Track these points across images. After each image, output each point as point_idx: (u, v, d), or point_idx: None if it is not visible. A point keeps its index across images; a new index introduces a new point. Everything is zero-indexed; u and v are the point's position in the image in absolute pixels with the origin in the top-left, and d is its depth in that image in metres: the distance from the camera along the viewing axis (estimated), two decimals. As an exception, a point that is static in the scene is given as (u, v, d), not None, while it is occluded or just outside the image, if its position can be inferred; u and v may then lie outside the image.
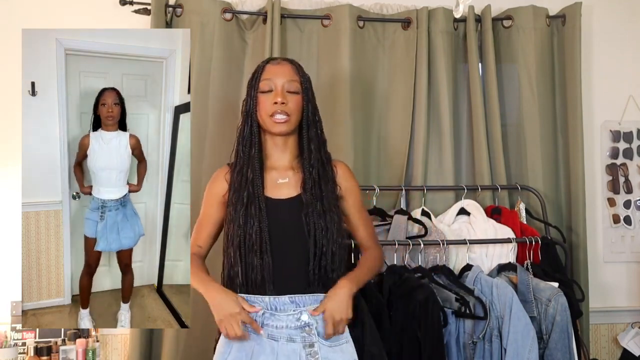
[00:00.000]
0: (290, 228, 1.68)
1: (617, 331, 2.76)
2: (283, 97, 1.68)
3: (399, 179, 2.54)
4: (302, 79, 1.73)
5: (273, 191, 1.71)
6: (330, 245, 1.66)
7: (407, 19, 2.59)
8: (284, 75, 1.71)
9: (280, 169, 1.75)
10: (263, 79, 1.72)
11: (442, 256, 2.29)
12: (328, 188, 1.72)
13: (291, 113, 1.69)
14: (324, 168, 1.73)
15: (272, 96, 1.69)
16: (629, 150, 2.82)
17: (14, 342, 2.27)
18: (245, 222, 1.66)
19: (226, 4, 2.48)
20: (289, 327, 1.63)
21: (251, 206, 1.66)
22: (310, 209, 1.67)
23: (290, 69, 1.73)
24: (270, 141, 1.75)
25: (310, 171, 1.70)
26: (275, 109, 1.68)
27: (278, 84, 1.70)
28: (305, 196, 1.68)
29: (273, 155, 1.75)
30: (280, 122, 1.69)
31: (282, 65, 1.74)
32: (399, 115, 2.57)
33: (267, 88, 1.71)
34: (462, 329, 2.12)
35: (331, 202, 1.71)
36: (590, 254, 2.63)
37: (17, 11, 2.44)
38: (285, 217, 1.69)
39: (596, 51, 2.80)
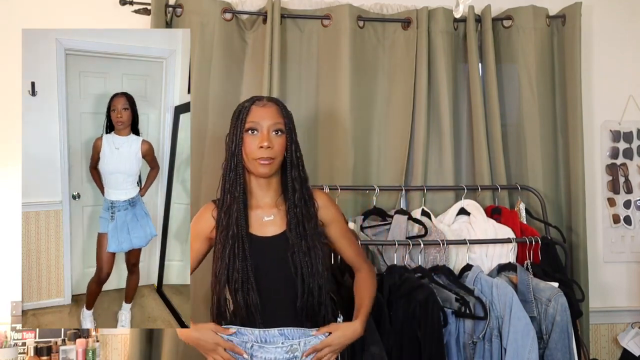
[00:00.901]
0: (277, 266, 1.72)
1: (617, 331, 2.76)
2: (269, 141, 1.69)
3: (399, 179, 2.54)
4: (287, 120, 1.74)
5: (259, 229, 1.75)
6: (317, 281, 1.71)
7: (407, 19, 2.59)
8: (270, 117, 1.72)
9: (265, 207, 1.77)
10: (249, 121, 1.72)
11: (442, 256, 2.29)
12: (311, 225, 1.75)
13: (275, 156, 1.71)
14: (307, 205, 1.76)
15: (259, 139, 1.70)
16: (629, 150, 2.82)
17: (14, 342, 2.27)
18: (231, 261, 1.69)
19: (226, 4, 2.48)
20: (277, 359, 1.69)
21: (235, 245, 1.70)
22: (295, 248, 1.71)
23: (275, 110, 1.74)
24: (255, 181, 1.77)
25: (294, 211, 1.74)
26: (261, 153, 1.69)
27: (264, 126, 1.71)
28: (291, 236, 1.72)
29: (257, 193, 1.78)
30: (265, 164, 1.70)
31: (267, 107, 1.74)
32: (399, 115, 2.56)
33: (253, 128, 1.72)
34: (462, 329, 2.12)
35: (314, 238, 1.74)
36: (590, 254, 2.63)
37: (17, 11, 2.44)
38: (272, 255, 1.73)
39: (596, 51, 2.80)
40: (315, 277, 1.70)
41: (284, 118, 1.74)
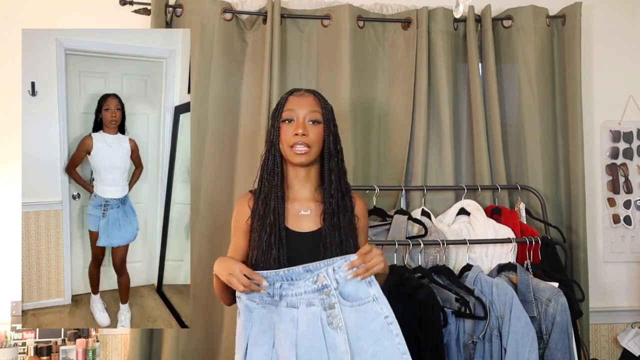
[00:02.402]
0: (309, 261, 1.67)
1: (617, 331, 2.76)
2: (304, 128, 1.70)
3: (399, 179, 2.54)
4: (324, 110, 1.75)
5: (295, 223, 1.74)
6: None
7: (407, 19, 2.59)
8: (306, 106, 1.73)
9: (302, 200, 1.77)
10: (286, 110, 1.74)
11: (442, 256, 2.29)
12: (346, 218, 1.74)
13: (312, 144, 1.71)
14: (343, 198, 1.75)
15: (294, 127, 1.71)
16: (629, 150, 2.82)
17: (14, 342, 2.27)
18: (267, 249, 1.68)
19: (226, 4, 2.48)
20: (307, 292, 1.61)
21: (272, 235, 1.69)
22: (328, 239, 1.70)
23: (312, 100, 1.76)
24: (292, 171, 1.77)
25: (330, 202, 1.73)
26: (296, 140, 1.70)
27: (300, 114, 1.72)
28: (325, 228, 1.71)
29: (295, 185, 1.77)
30: (300, 153, 1.70)
31: (304, 96, 1.76)
32: (399, 115, 2.57)
33: (289, 118, 1.73)
34: (462, 329, 2.12)
35: (348, 232, 1.73)
36: (590, 254, 2.64)
37: (17, 11, 2.44)
38: (305, 251, 1.70)
39: (596, 51, 2.80)
40: None
41: (321, 108, 1.75)
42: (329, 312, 1.59)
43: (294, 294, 1.62)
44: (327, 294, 1.60)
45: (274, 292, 1.62)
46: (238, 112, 2.49)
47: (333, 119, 1.77)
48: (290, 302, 1.62)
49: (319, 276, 1.60)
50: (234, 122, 2.48)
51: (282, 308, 1.62)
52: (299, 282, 1.62)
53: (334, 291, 1.60)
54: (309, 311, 1.60)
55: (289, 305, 1.62)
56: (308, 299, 1.61)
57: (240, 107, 2.50)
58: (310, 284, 1.61)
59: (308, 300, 1.61)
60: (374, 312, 1.61)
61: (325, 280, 1.60)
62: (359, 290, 1.62)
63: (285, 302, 1.62)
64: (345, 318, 1.58)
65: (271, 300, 1.62)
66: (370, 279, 1.62)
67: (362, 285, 1.62)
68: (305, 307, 1.61)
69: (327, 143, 1.74)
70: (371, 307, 1.61)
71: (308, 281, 1.61)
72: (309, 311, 1.60)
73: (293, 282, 1.62)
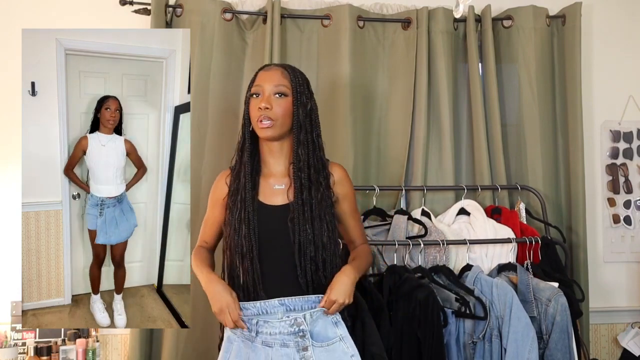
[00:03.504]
0: (280, 234, 1.69)
1: (617, 331, 2.76)
2: (267, 102, 1.69)
3: (399, 179, 2.54)
4: (293, 83, 1.72)
5: (268, 197, 1.73)
6: (320, 252, 1.68)
7: (407, 19, 2.59)
8: (271, 80, 1.72)
9: (277, 176, 1.76)
10: (254, 85, 1.74)
11: (442, 256, 2.29)
12: (320, 194, 1.71)
13: (276, 118, 1.69)
14: (317, 173, 1.73)
15: (258, 100, 1.71)
16: (629, 150, 2.82)
17: (14, 342, 2.27)
18: (238, 226, 1.68)
19: (226, 4, 2.47)
20: (282, 333, 1.65)
21: (243, 211, 1.69)
22: (296, 214, 1.68)
23: (279, 73, 1.73)
24: (266, 147, 1.76)
25: (299, 175, 1.70)
26: (260, 114, 1.69)
27: (266, 89, 1.71)
28: (292, 202, 1.70)
29: (269, 161, 1.77)
30: (265, 127, 1.69)
31: (271, 70, 1.75)
32: (399, 115, 2.56)
33: (256, 93, 1.72)
34: (462, 329, 2.12)
35: (322, 209, 1.71)
36: (590, 254, 2.63)
37: (17, 11, 2.44)
38: (276, 223, 1.70)
39: (596, 51, 2.80)
40: (318, 248, 1.67)
41: (289, 82, 1.72)
42: (302, 353, 1.64)
43: (269, 333, 1.65)
44: (301, 337, 1.65)
45: (251, 327, 1.66)
46: (238, 112, 2.49)
47: (305, 92, 1.74)
48: (265, 340, 1.66)
49: (296, 320, 1.65)
50: (234, 122, 2.48)
51: (258, 345, 1.66)
52: (274, 322, 1.65)
53: (309, 334, 1.65)
54: (282, 352, 1.64)
55: (263, 343, 1.65)
56: (283, 340, 1.65)
57: (240, 106, 2.48)
58: (287, 326, 1.65)
59: (282, 341, 1.65)
60: (340, 351, 1.67)
61: (303, 325, 1.65)
62: (327, 329, 1.68)
63: (260, 340, 1.66)
64: (317, 358, 1.64)
65: (248, 335, 1.66)
66: (337, 319, 1.69)
67: (329, 325, 1.69)
68: (279, 348, 1.64)
69: (295, 116, 1.72)
70: (338, 346, 1.68)
71: (284, 322, 1.65)
72: (283, 352, 1.64)
73: (268, 320, 1.66)
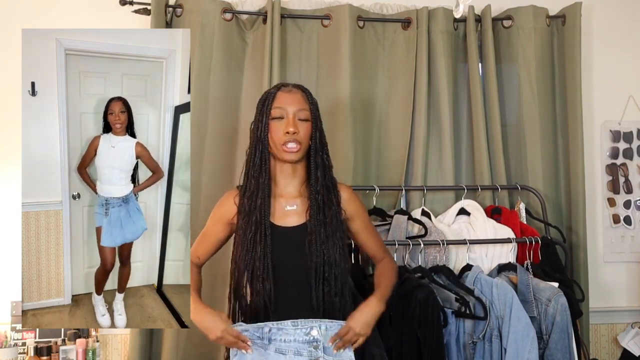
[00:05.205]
0: (296, 257, 1.70)
1: (617, 331, 2.76)
2: (295, 126, 1.70)
3: (399, 179, 2.54)
4: (312, 107, 1.75)
5: (280, 219, 1.74)
6: (333, 270, 1.69)
7: (407, 19, 2.59)
8: (295, 103, 1.72)
9: (289, 196, 1.77)
10: (275, 107, 1.72)
11: (442, 256, 2.29)
12: (332, 213, 1.73)
13: (302, 141, 1.71)
14: (329, 193, 1.75)
15: (284, 125, 1.70)
16: (629, 150, 2.82)
17: (14, 342, 2.27)
18: (252, 247, 1.69)
19: (226, 4, 2.48)
20: (296, 341, 1.65)
21: (257, 233, 1.69)
22: (314, 236, 1.70)
23: (301, 96, 1.75)
24: (279, 168, 1.76)
25: (316, 197, 1.73)
26: (287, 138, 1.69)
27: (290, 112, 1.71)
28: (310, 224, 1.71)
29: (281, 181, 1.77)
30: (291, 151, 1.70)
31: (293, 93, 1.75)
32: (399, 115, 2.56)
33: (279, 115, 1.72)
34: (462, 329, 2.12)
35: (335, 227, 1.73)
36: (590, 254, 2.64)
37: (17, 11, 2.44)
38: (291, 245, 1.72)
39: (596, 51, 2.80)
40: (332, 266, 1.68)
41: (309, 104, 1.74)
42: None
43: (282, 340, 1.65)
44: (315, 347, 1.65)
45: (263, 335, 1.65)
46: (238, 112, 2.50)
47: (319, 115, 1.77)
48: (278, 347, 1.65)
49: (312, 329, 1.65)
50: (234, 122, 2.48)
51: (271, 352, 1.65)
52: (288, 330, 1.66)
53: (322, 345, 1.66)
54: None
55: (277, 350, 1.65)
56: (297, 348, 1.65)
57: (240, 107, 2.50)
58: (302, 334, 1.65)
59: (296, 349, 1.65)
60: None
61: (318, 335, 1.66)
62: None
63: (274, 347, 1.65)
64: None
65: (260, 342, 1.65)
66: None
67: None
68: (293, 356, 1.64)
69: (314, 139, 1.74)
70: None
71: (299, 330, 1.66)
72: None
73: (282, 328, 1.66)
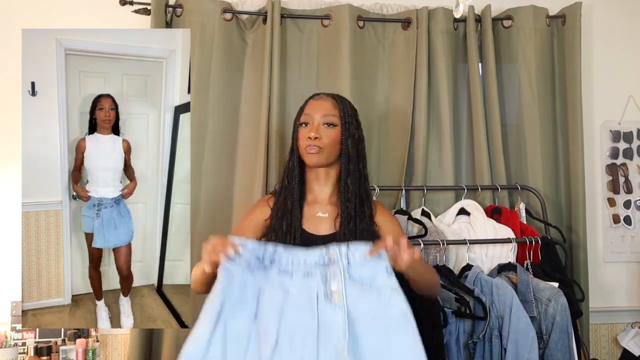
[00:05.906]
0: None
1: (617, 331, 2.76)
2: (316, 132, 1.73)
3: (399, 179, 2.54)
4: (342, 113, 1.77)
5: (312, 225, 1.75)
6: None
7: (407, 19, 2.59)
8: (320, 110, 1.77)
9: (322, 203, 1.79)
10: (303, 114, 1.78)
11: (442, 256, 2.29)
12: (364, 225, 1.74)
13: (324, 147, 1.73)
14: (362, 204, 1.76)
15: (307, 130, 1.75)
16: (629, 150, 2.82)
17: (14, 342, 2.27)
18: None
19: (226, 4, 2.47)
20: (307, 263, 1.43)
21: (288, 235, 1.71)
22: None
23: (329, 103, 1.78)
24: (313, 174, 1.80)
25: (346, 206, 1.73)
26: (308, 143, 1.73)
27: (315, 118, 1.76)
28: (340, 233, 1.71)
29: (314, 188, 1.80)
30: (311, 152, 1.73)
31: (321, 100, 1.80)
32: (399, 115, 2.56)
33: (305, 122, 1.77)
34: (462, 329, 2.12)
35: (366, 239, 1.63)
36: (590, 254, 2.63)
37: (17, 11, 2.44)
38: None
39: (596, 51, 2.80)
40: None
41: (339, 111, 1.76)
42: (330, 285, 1.39)
43: (289, 261, 1.43)
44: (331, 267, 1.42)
45: (265, 255, 1.44)
46: (238, 112, 2.49)
47: (354, 122, 1.79)
48: (283, 268, 1.42)
49: (329, 249, 1.42)
50: (234, 122, 2.48)
51: (273, 274, 1.42)
52: (298, 252, 1.42)
53: (342, 267, 1.39)
54: (304, 282, 1.41)
55: (281, 271, 1.42)
56: (307, 269, 1.42)
57: (240, 107, 2.50)
58: (315, 256, 1.42)
59: (306, 270, 1.42)
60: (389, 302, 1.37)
61: (336, 256, 1.41)
62: (376, 277, 1.39)
63: (277, 268, 1.42)
64: (350, 297, 1.37)
65: (259, 265, 1.42)
66: (390, 270, 1.42)
67: (380, 274, 1.39)
68: (302, 277, 1.41)
69: (344, 146, 1.76)
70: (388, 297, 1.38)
71: (313, 252, 1.41)
72: (305, 282, 1.41)
73: (291, 250, 1.42)
